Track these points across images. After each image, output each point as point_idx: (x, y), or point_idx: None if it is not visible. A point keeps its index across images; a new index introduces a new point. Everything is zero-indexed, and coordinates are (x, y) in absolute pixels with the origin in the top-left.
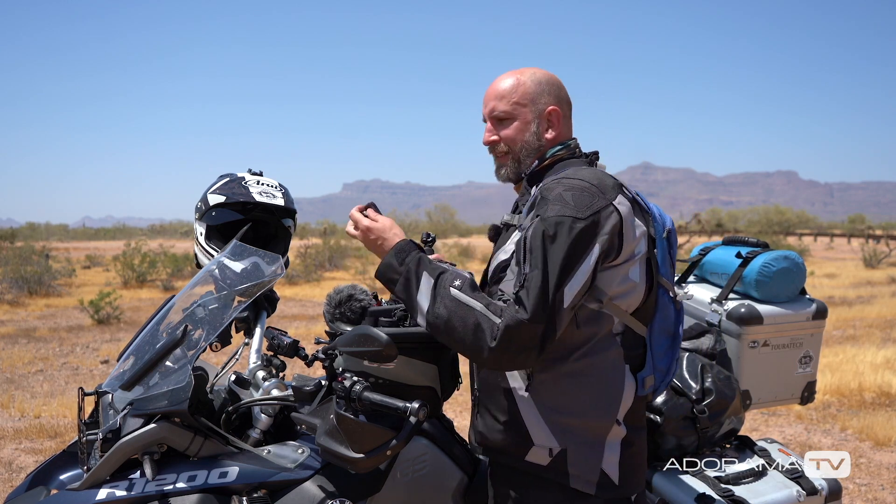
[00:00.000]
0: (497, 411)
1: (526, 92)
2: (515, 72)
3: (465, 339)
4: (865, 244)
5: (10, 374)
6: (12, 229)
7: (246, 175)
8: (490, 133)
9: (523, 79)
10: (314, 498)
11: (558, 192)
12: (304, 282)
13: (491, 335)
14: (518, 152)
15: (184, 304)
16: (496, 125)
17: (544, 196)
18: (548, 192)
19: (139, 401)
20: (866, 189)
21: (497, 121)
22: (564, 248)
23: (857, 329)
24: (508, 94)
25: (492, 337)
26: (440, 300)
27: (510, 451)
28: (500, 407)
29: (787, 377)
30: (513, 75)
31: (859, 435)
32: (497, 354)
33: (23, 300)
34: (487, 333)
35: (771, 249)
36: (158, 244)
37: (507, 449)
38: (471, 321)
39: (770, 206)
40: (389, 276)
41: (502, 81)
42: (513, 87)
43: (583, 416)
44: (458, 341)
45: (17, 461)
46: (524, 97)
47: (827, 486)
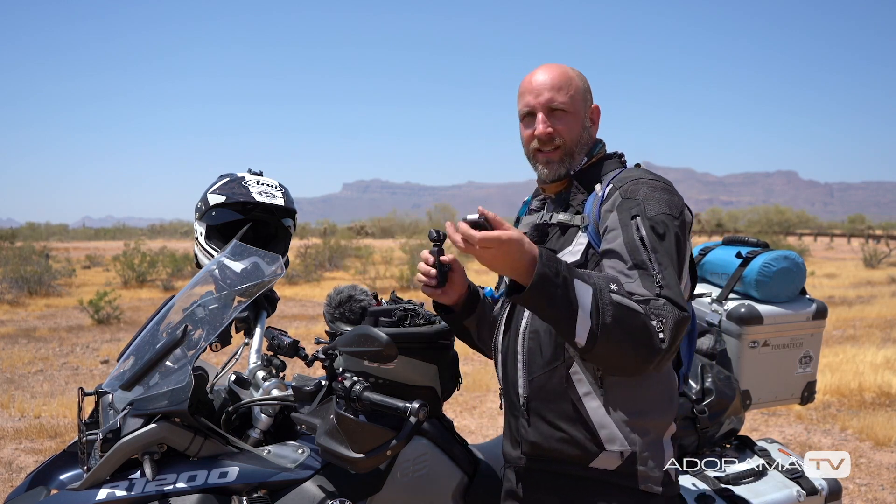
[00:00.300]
0: (559, 419)
1: (578, 86)
2: (556, 65)
3: (634, 345)
4: (865, 244)
5: (10, 374)
6: (12, 229)
7: (246, 175)
8: (546, 125)
9: (571, 73)
10: (314, 498)
11: (646, 192)
12: (304, 282)
13: (659, 336)
14: (572, 148)
15: (184, 304)
16: (549, 117)
17: (629, 196)
18: (631, 192)
19: (139, 401)
20: (866, 189)
21: (551, 112)
22: (674, 245)
23: (857, 329)
24: (565, 86)
25: (660, 339)
26: (604, 307)
27: (573, 458)
28: (564, 414)
29: (787, 377)
30: (559, 68)
31: (859, 435)
32: (667, 354)
33: (23, 300)
34: (655, 335)
35: (771, 249)
36: (161, 246)
37: (569, 457)
38: (638, 325)
39: (770, 206)
40: (547, 291)
41: (552, 72)
42: (567, 79)
43: (651, 415)
44: (625, 349)
45: (17, 461)
46: (577, 91)
47: (827, 486)
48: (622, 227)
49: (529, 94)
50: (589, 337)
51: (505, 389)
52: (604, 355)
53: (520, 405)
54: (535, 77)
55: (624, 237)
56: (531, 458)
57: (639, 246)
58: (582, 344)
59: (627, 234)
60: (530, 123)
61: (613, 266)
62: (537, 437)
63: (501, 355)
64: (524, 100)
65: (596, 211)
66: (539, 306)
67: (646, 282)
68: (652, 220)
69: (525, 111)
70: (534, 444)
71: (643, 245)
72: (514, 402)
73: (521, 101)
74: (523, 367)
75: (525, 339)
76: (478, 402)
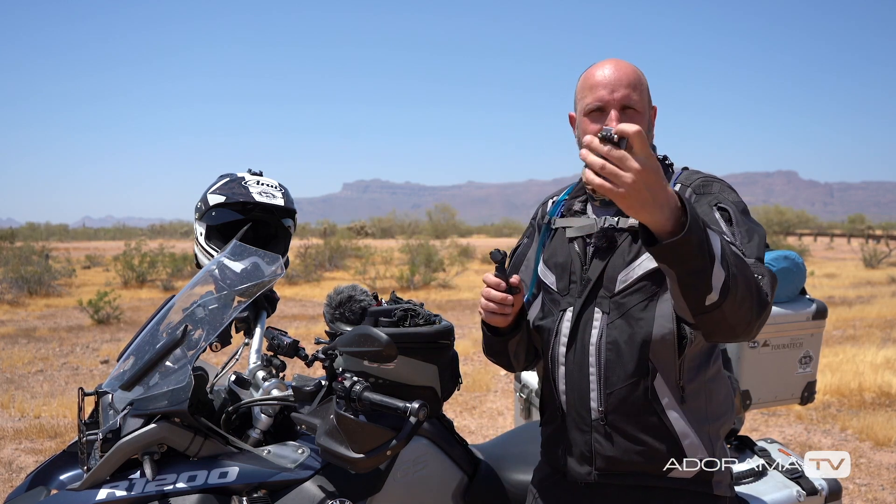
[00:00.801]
0: (641, 432)
1: (647, 86)
2: (624, 62)
3: (751, 299)
4: (865, 244)
5: (10, 374)
6: (12, 229)
7: (246, 175)
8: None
9: (639, 70)
10: (314, 498)
11: (720, 187)
12: (304, 282)
13: (764, 290)
14: None
15: (184, 304)
16: (622, 115)
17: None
18: (705, 188)
19: (139, 401)
20: (866, 189)
21: (623, 111)
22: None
23: (857, 329)
24: (639, 85)
25: (765, 292)
26: (729, 257)
27: (652, 470)
28: (647, 427)
29: (787, 377)
30: (630, 65)
31: (859, 435)
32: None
33: (23, 300)
34: (761, 289)
35: (771, 249)
36: (161, 246)
37: (649, 469)
38: (751, 278)
39: (770, 206)
40: (697, 236)
41: (626, 68)
42: (639, 77)
43: (722, 418)
44: (745, 303)
45: (17, 461)
46: (647, 92)
47: (827, 486)
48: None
49: (603, 89)
50: (723, 288)
51: (568, 404)
52: (728, 310)
53: (591, 420)
54: (606, 71)
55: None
56: (605, 473)
57: (721, 222)
58: (715, 298)
59: (710, 217)
60: (598, 118)
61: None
62: (616, 451)
63: (564, 368)
64: (596, 93)
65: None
66: (685, 255)
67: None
68: (734, 202)
69: (595, 105)
70: (611, 459)
71: (727, 221)
72: (582, 417)
73: (592, 94)
74: (599, 380)
75: (602, 351)
76: (478, 402)
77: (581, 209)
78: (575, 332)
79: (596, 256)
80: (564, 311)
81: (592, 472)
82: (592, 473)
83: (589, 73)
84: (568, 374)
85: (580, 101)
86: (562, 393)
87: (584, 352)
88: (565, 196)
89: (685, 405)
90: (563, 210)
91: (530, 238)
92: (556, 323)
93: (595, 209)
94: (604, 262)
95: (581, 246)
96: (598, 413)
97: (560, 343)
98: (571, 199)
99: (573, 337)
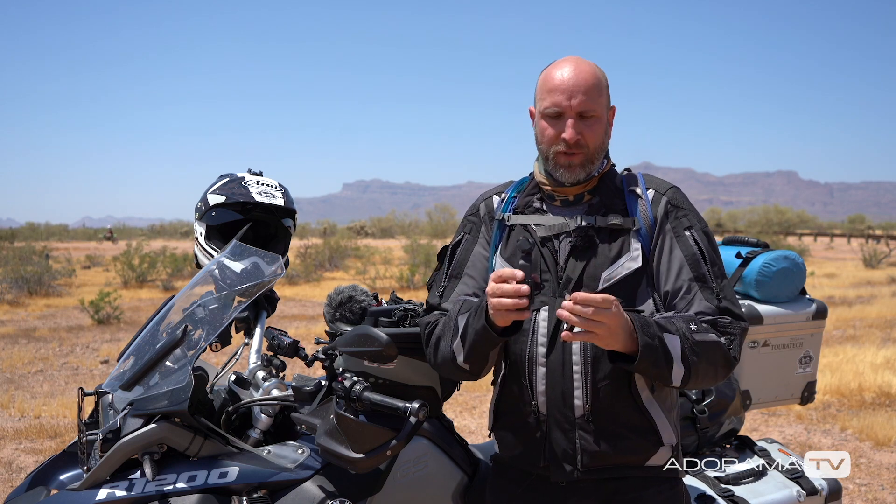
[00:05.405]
0: (626, 424)
1: (605, 90)
2: (584, 62)
3: (716, 370)
4: (865, 244)
5: (10, 374)
6: (12, 229)
7: (246, 175)
8: (576, 131)
9: (599, 74)
10: (314, 498)
11: (686, 201)
12: (304, 282)
13: (732, 354)
14: (594, 154)
15: (184, 304)
16: (579, 122)
17: (677, 205)
18: (678, 200)
19: (139, 401)
20: (866, 189)
21: (580, 117)
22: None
23: (857, 329)
24: (597, 91)
25: (732, 356)
26: (692, 350)
27: (633, 461)
28: (630, 420)
29: (787, 377)
30: (589, 67)
31: (859, 435)
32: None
33: (23, 300)
34: (730, 355)
35: (771, 249)
36: (161, 245)
37: (630, 461)
38: (719, 353)
39: (770, 206)
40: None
41: (584, 72)
42: (598, 82)
43: (677, 404)
44: (710, 374)
45: (17, 461)
46: (604, 94)
47: (827, 486)
48: (677, 237)
49: (560, 94)
50: (683, 378)
51: (548, 404)
52: (693, 383)
53: (575, 418)
54: (565, 74)
55: (682, 249)
56: (589, 470)
57: (699, 259)
58: (677, 384)
59: (685, 246)
60: (555, 124)
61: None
62: (602, 447)
63: (545, 368)
64: (553, 98)
65: (648, 213)
66: (645, 370)
67: (706, 294)
68: (705, 232)
69: (553, 111)
70: (596, 455)
71: (703, 258)
72: (565, 416)
73: (549, 97)
74: (584, 377)
75: (588, 349)
76: (478, 402)
77: (540, 207)
78: (555, 332)
79: (573, 255)
80: (538, 311)
81: (576, 470)
82: (576, 472)
83: (548, 73)
84: (549, 373)
85: (539, 101)
86: (540, 394)
87: (567, 351)
88: (514, 193)
89: (656, 394)
90: (519, 207)
91: (472, 234)
92: (531, 323)
93: (554, 209)
94: (584, 261)
95: (552, 244)
96: (583, 410)
97: (538, 343)
98: (527, 196)
99: (554, 336)
